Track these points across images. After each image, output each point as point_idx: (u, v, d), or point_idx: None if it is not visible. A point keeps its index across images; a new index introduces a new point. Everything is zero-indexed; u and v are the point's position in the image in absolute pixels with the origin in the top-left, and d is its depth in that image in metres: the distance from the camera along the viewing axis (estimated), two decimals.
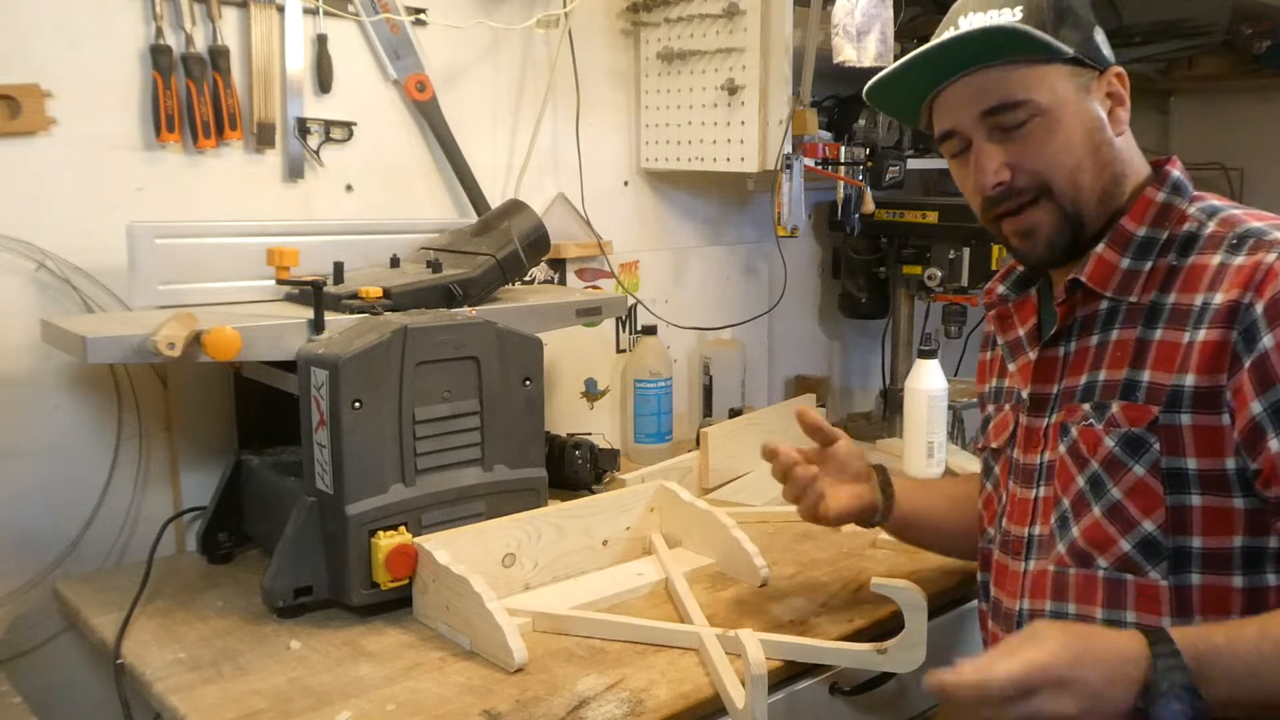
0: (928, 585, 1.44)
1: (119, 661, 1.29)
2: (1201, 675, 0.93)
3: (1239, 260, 1.04)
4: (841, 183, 2.09)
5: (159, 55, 1.56)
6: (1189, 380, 1.04)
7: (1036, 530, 1.18)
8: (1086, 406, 1.12)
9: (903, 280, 2.33)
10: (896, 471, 1.44)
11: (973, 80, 1.12)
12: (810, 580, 1.51)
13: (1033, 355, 1.21)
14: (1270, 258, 1.02)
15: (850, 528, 1.70)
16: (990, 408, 1.32)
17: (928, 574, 1.51)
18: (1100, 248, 1.13)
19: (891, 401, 2.37)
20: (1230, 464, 1.03)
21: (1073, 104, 1.11)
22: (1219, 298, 1.03)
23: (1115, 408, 1.09)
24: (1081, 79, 1.12)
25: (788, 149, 1.92)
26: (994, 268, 2.21)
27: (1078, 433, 1.12)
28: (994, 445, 1.28)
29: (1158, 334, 1.08)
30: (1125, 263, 1.12)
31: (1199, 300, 1.05)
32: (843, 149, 2.06)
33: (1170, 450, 1.05)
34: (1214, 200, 1.14)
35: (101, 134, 1.55)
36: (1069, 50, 1.10)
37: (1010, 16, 1.10)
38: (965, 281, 2.21)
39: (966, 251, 2.19)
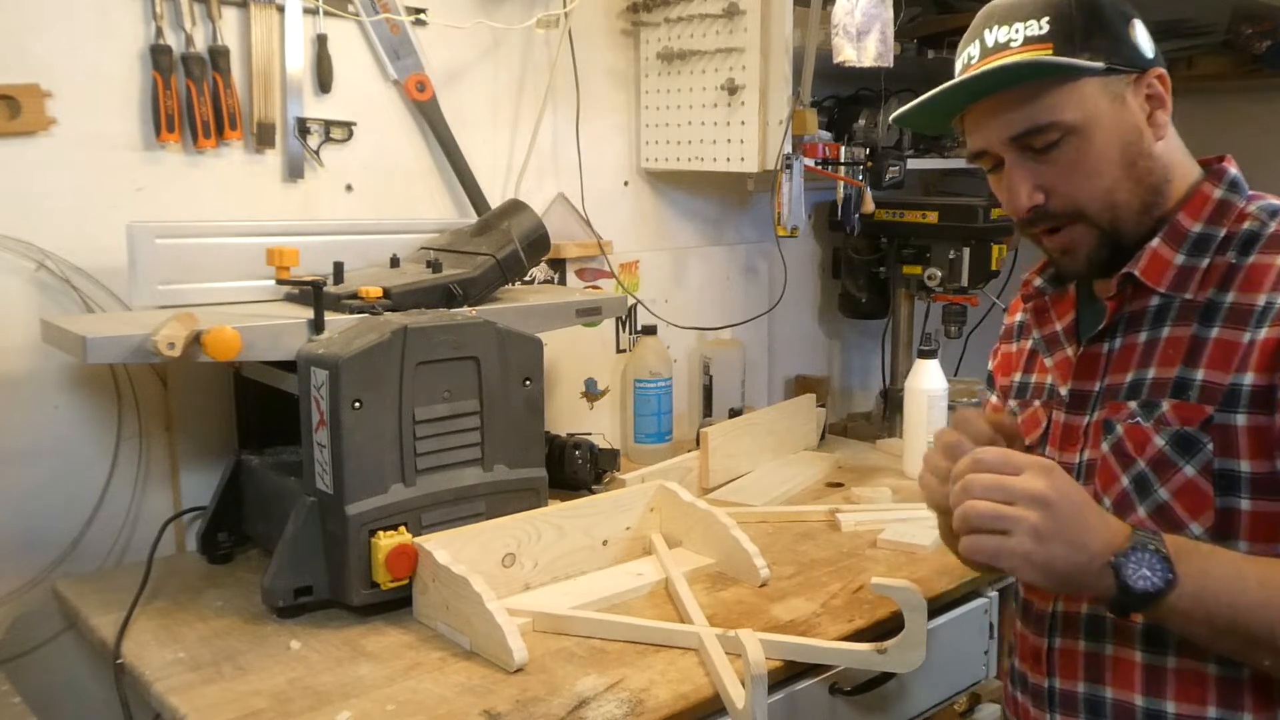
0: (927, 586, 1.44)
1: (119, 661, 1.29)
2: (1178, 558, 0.94)
3: None
4: (841, 183, 2.09)
5: (159, 55, 1.56)
6: (1248, 379, 1.01)
7: None
8: (1133, 404, 1.08)
9: (903, 280, 2.33)
10: None
11: (999, 102, 1.08)
12: (810, 580, 1.51)
13: (1071, 351, 1.17)
14: None
15: (851, 527, 1.71)
16: (1014, 403, 1.26)
17: (928, 574, 1.51)
18: (1155, 243, 1.09)
19: (891, 401, 2.37)
20: None
21: (1105, 118, 1.06)
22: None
23: (1166, 406, 1.05)
24: (1115, 87, 1.07)
25: (788, 149, 1.92)
26: (994, 268, 2.21)
27: (1123, 430, 1.08)
28: (1024, 443, 1.21)
29: (1214, 332, 1.04)
30: (1180, 259, 1.08)
31: (1262, 300, 1.03)
32: (843, 149, 2.06)
33: (1223, 451, 1.02)
34: (1273, 200, 1.11)
35: (101, 134, 1.55)
36: (1097, 67, 1.05)
37: (1036, 29, 1.07)
38: (965, 281, 2.21)
39: (966, 251, 2.20)
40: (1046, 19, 1.07)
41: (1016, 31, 1.08)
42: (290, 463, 1.53)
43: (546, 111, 2.03)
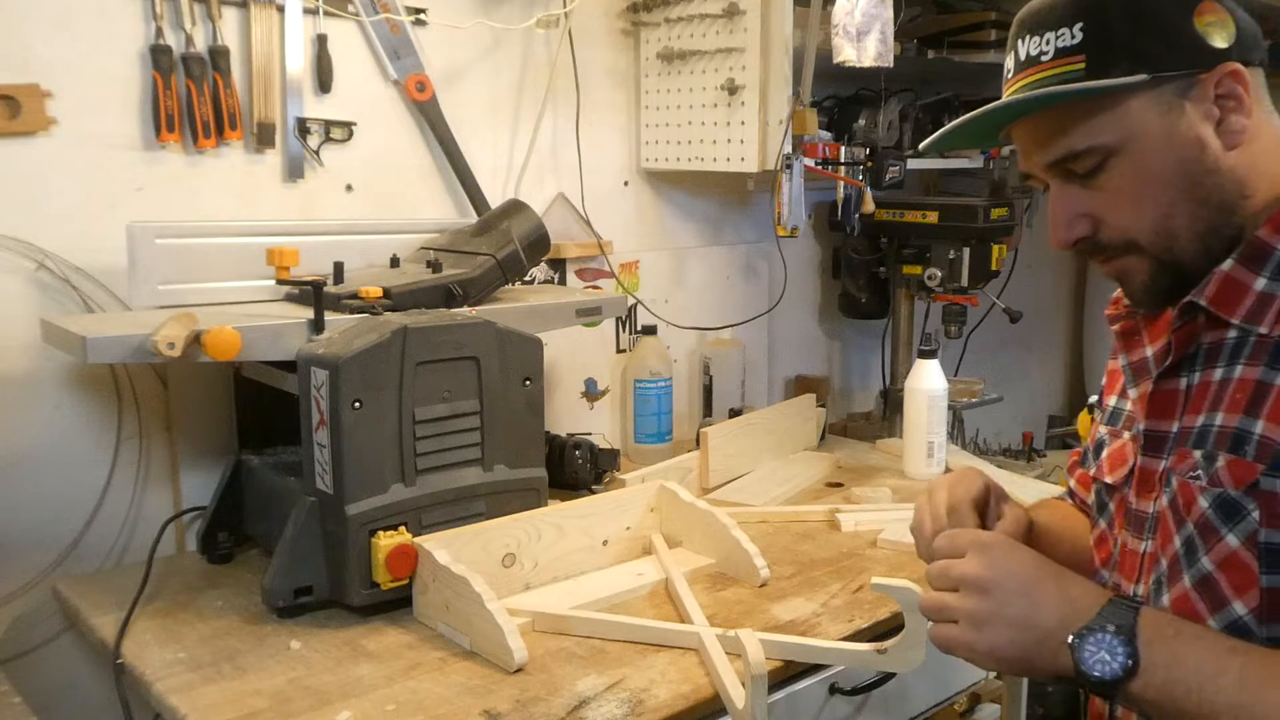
0: (928, 585, 1.44)
1: (119, 661, 1.29)
2: (1149, 642, 0.84)
3: None
4: (841, 183, 2.09)
5: (159, 55, 1.56)
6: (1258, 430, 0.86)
7: (1141, 589, 1.00)
8: (1198, 454, 0.92)
9: (903, 280, 2.33)
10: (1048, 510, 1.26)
11: (1035, 123, 0.97)
12: (810, 580, 1.51)
13: (1151, 384, 1.01)
14: None
15: (851, 527, 1.71)
16: (1104, 430, 1.11)
17: None
18: (1228, 264, 0.92)
19: (891, 401, 2.37)
20: None
21: (1155, 135, 0.92)
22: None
23: (1221, 461, 0.90)
24: (1167, 97, 0.92)
25: (788, 149, 1.92)
26: (994, 268, 2.22)
27: (1178, 485, 0.94)
28: (1108, 480, 1.07)
29: None
30: (1260, 283, 0.91)
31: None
32: (843, 149, 2.06)
33: (1270, 521, 0.86)
34: None
35: (101, 134, 1.55)
36: (1136, 81, 0.91)
37: (1069, 39, 0.93)
38: (965, 281, 2.21)
39: (966, 251, 2.20)
40: (1080, 25, 0.92)
41: (1048, 43, 0.94)
42: (290, 463, 1.53)
43: (546, 111, 2.03)
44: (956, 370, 2.50)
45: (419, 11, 1.83)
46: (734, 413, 2.18)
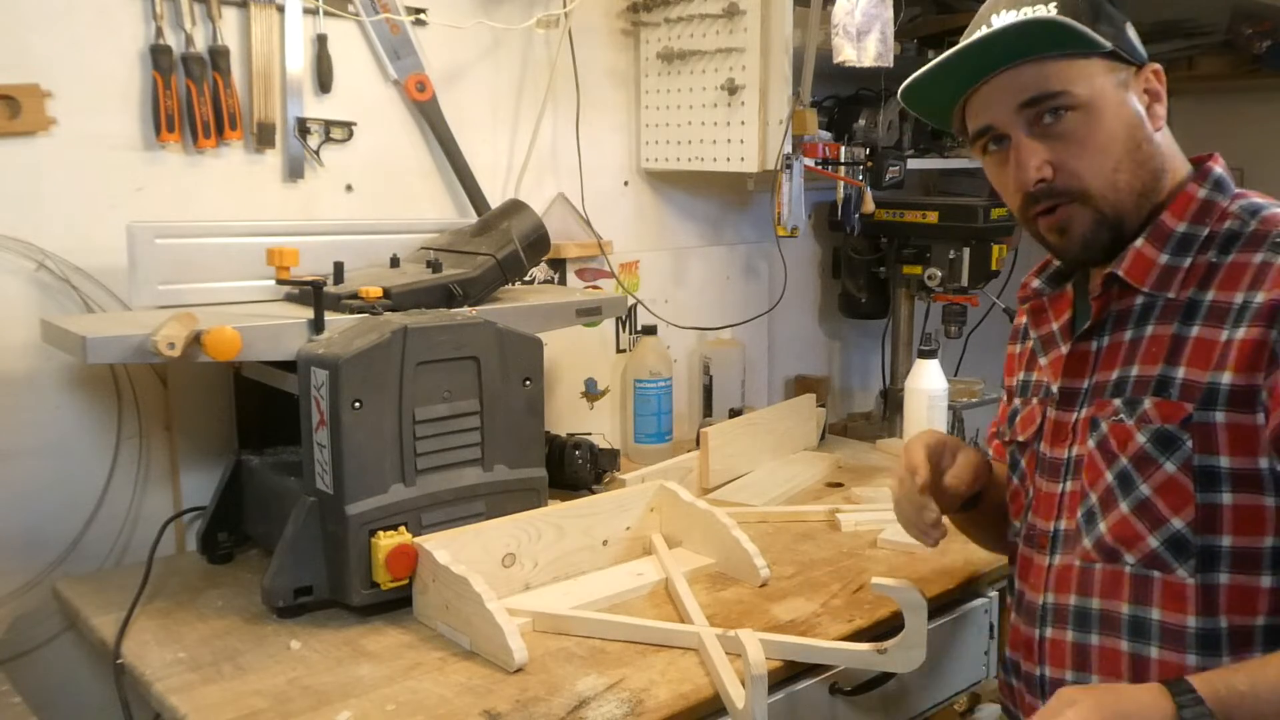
0: (928, 585, 1.44)
1: (119, 661, 1.29)
2: (1227, 717, 0.94)
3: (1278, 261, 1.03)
4: (841, 183, 2.09)
5: (159, 55, 1.56)
6: (1225, 378, 1.03)
7: (1063, 525, 1.17)
8: (1118, 402, 1.10)
9: (903, 280, 2.33)
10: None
11: (1010, 75, 1.11)
12: (810, 580, 1.51)
13: (1065, 349, 1.20)
14: None
15: (851, 527, 1.71)
16: (1018, 401, 1.30)
17: (928, 574, 1.51)
18: (1139, 243, 1.11)
19: (891, 401, 2.37)
20: (1264, 463, 1.02)
21: (1112, 99, 1.10)
22: (1261, 296, 1.03)
23: (1148, 404, 1.07)
24: (1119, 75, 1.11)
25: (788, 149, 1.92)
26: (994, 268, 2.21)
27: (1108, 428, 1.11)
28: (1020, 439, 1.26)
29: (1195, 330, 1.06)
30: (1164, 258, 1.10)
31: (1239, 298, 1.04)
32: (843, 149, 2.06)
33: (1203, 448, 1.04)
34: (1256, 198, 1.12)
35: (101, 134, 1.55)
36: (1107, 44, 1.08)
37: (1045, 11, 1.08)
38: (965, 281, 2.21)
39: (966, 251, 2.19)
40: (1055, 3, 1.09)
41: (1024, 14, 1.08)
42: (290, 463, 1.53)
43: (546, 111, 2.03)
44: (956, 370, 2.50)
45: (419, 11, 1.83)
46: (734, 413, 2.18)
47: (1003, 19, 1.10)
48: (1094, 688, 1.04)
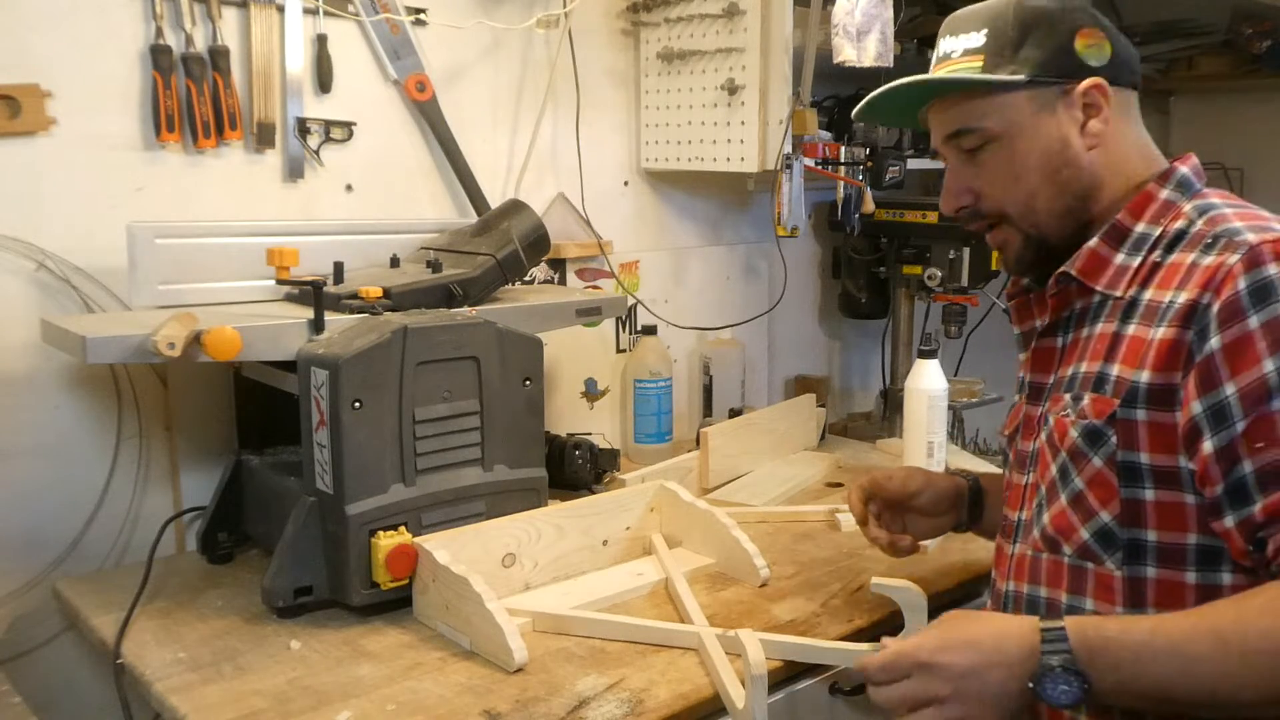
0: (928, 585, 1.44)
1: (119, 661, 1.29)
2: (1090, 661, 0.95)
3: (1207, 260, 1.03)
4: (841, 183, 2.09)
5: (159, 55, 1.56)
6: (1145, 377, 1.04)
7: (1024, 515, 1.20)
8: (1068, 397, 1.13)
9: (903, 280, 2.33)
10: (994, 476, 1.45)
11: (939, 108, 1.19)
12: (810, 580, 1.51)
13: (1034, 344, 1.24)
14: (1233, 259, 1.01)
15: (850, 527, 1.71)
16: (1016, 396, 1.33)
17: (928, 574, 1.51)
18: (1093, 242, 1.13)
19: (891, 401, 2.37)
20: (1183, 461, 1.03)
21: (1029, 128, 1.13)
22: (1182, 296, 1.03)
23: (1086, 400, 1.10)
24: (1044, 98, 1.13)
25: (788, 149, 1.92)
26: (994, 268, 2.21)
27: (1053, 422, 1.14)
28: (1006, 433, 1.31)
29: (1130, 329, 1.08)
30: (1119, 258, 1.12)
31: (1168, 298, 1.05)
32: (843, 149, 2.06)
33: (1126, 444, 1.06)
34: (1215, 198, 1.13)
35: (101, 134, 1.55)
36: (1014, 80, 1.11)
37: (975, 41, 1.14)
38: (965, 281, 2.21)
39: (966, 251, 2.19)
40: (985, 31, 1.14)
41: (959, 42, 1.16)
42: (290, 463, 1.53)
43: (546, 111, 2.03)
44: (956, 370, 2.50)
45: (419, 11, 1.83)
46: (734, 413, 2.18)
47: (944, 46, 1.18)
48: (965, 614, 1.06)
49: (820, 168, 2.00)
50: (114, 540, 1.60)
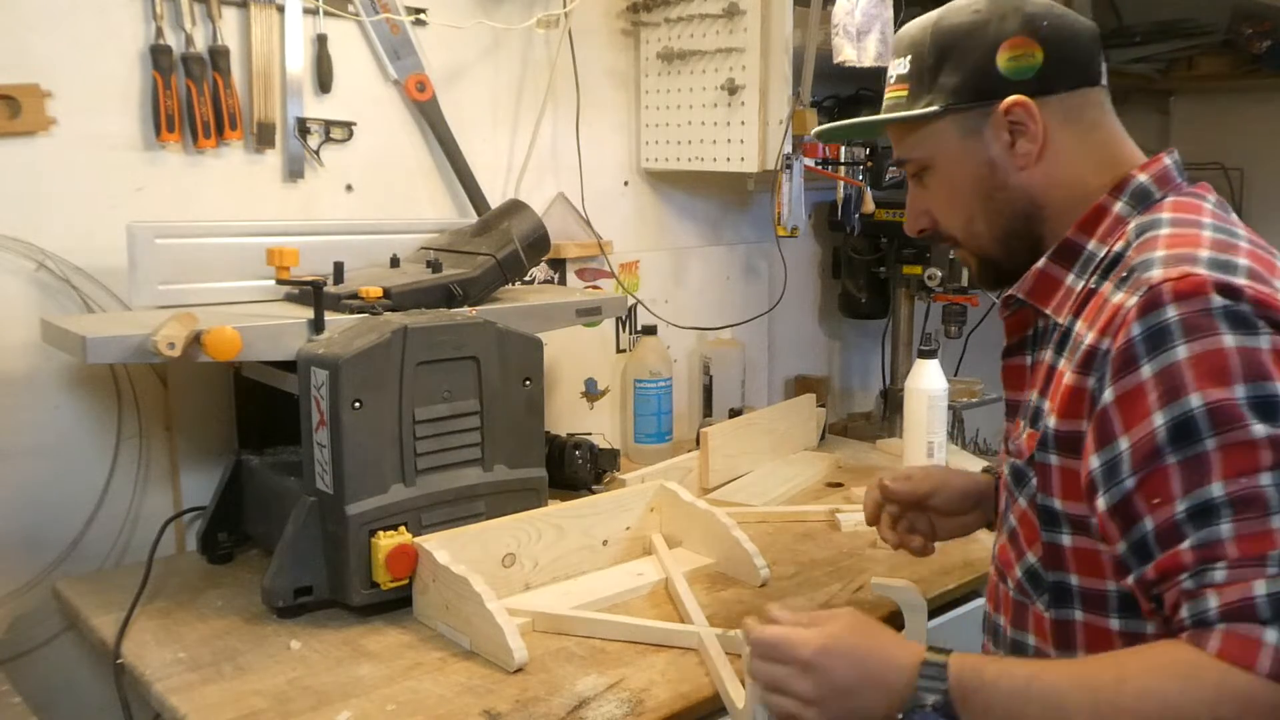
0: (928, 585, 1.44)
1: (119, 661, 1.29)
2: (963, 702, 0.91)
3: (1116, 298, 0.94)
4: (841, 183, 2.09)
5: (159, 55, 1.56)
6: (1053, 422, 0.97)
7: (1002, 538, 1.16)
8: (1023, 423, 1.06)
9: (903, 280, 2.33)
10: None
11: (888, 134, 1.17)
12: (810, 580, 1.51)
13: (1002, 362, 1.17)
14: (1132, 301, 0.91)
15: (850, 528, 1.71)
16: None
17: (928, 574, 1.51)
18: (1041, 262, 1.05)
19: (891, 401, 2.37)
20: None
21: (955, 154, 1.08)
22: (1090, 337, 0.95)
23: (1025, 434, 1.04)
24: (969, 122, 1.06)
25: (788, 149, 1.92)
26: None
27: (1001, 452, 1.11)
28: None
29: (1061, 362, 0.99)
30: (1070, 278, 1.03)
31: (1086, 335, 0.96)
32: (843, 149, 2.06)
33: (1043, 487, 1.00)
34: (1166, 212, 1.00)
35: (101, 134, 1.55)
36: (928, 112, 1.07)
37: (903, 67, 1.11)
38: (965, 281, 2.20)
39: None
40: (909, 58, 1.10)
41: (894, 67, 1.13)
42: (290, 463, 1.53)
43: (546, 111, 2.03)
44: (956, 370, 2.50)
45: (419, 11, 1.83)
46: (734, 413, 2.18)
47: (891, 66, 1.14)
48: (860, 621, 1.00)
49: (820, 168, 2.00)
50: (114, 540, 1.60)
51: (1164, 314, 0.88)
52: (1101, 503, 0.91)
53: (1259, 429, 0.84)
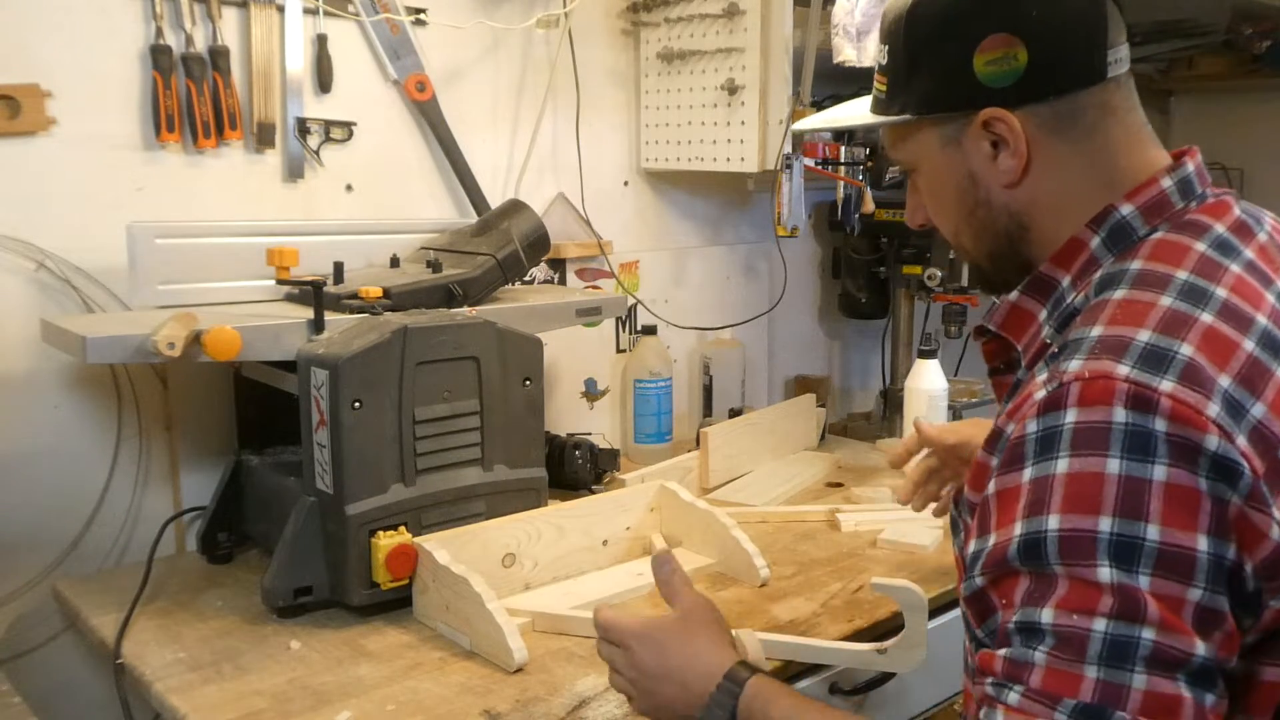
0: (928, 585, 1.44)
1: (119, 661, 1.29)
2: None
3: (1040, 377, 0.84)
4: (841, 183, 2.09)
5: (159, 55, 1.56)
6: (966, 490, 0.91)
7: None
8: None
9: (903, 280, 2.33)
10: None
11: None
12: (810, 580, 1.51)
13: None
14: (1040, 394, 0.80)
15: (851, 527, 1.71)
16: None
17: (928, 574, 1.51)
18: (1014, 295, 0.95)
19: (891, 401, 2.37)
20: None
21: (937, 163, 0.97)
22: (1004, 409, 0.88)
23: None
24: (948, 131, 0.94)
25: (788, 149, 1.92)
26: None
27: None
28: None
29: (1002, 416, 0.89)
30: (1043, 314, 0.93)
31: (1012, 400, 0.88)
32: (843, 149, 2.06)
33: (965, 538, 0.90)
34: (1135, 263, 0.87)
35: (101, 134, 1.55)
36: (905, 118, 0.96)
37: (884, 57, 0.99)
38: (965, 281, 2.21)
39: None
40: (887, 49, 0.97)
41: (879, 54, 1.00)
42: (290, 463, 1.53)
43: (546, 111, 2.03)
44: (956, 370, 2.50)
45: (419, 11, 1.83)
46: (734, 413, 2.18)
47: (877, 52, 1.03)
48: (702, 619, 1.05)
49: (820, 168, 2.00)
50: (114, 540, 1.60)
51: (1061, 418, 0.78)
52: (964, 587, 0.85)
53: (1104, 572, 0.74)
